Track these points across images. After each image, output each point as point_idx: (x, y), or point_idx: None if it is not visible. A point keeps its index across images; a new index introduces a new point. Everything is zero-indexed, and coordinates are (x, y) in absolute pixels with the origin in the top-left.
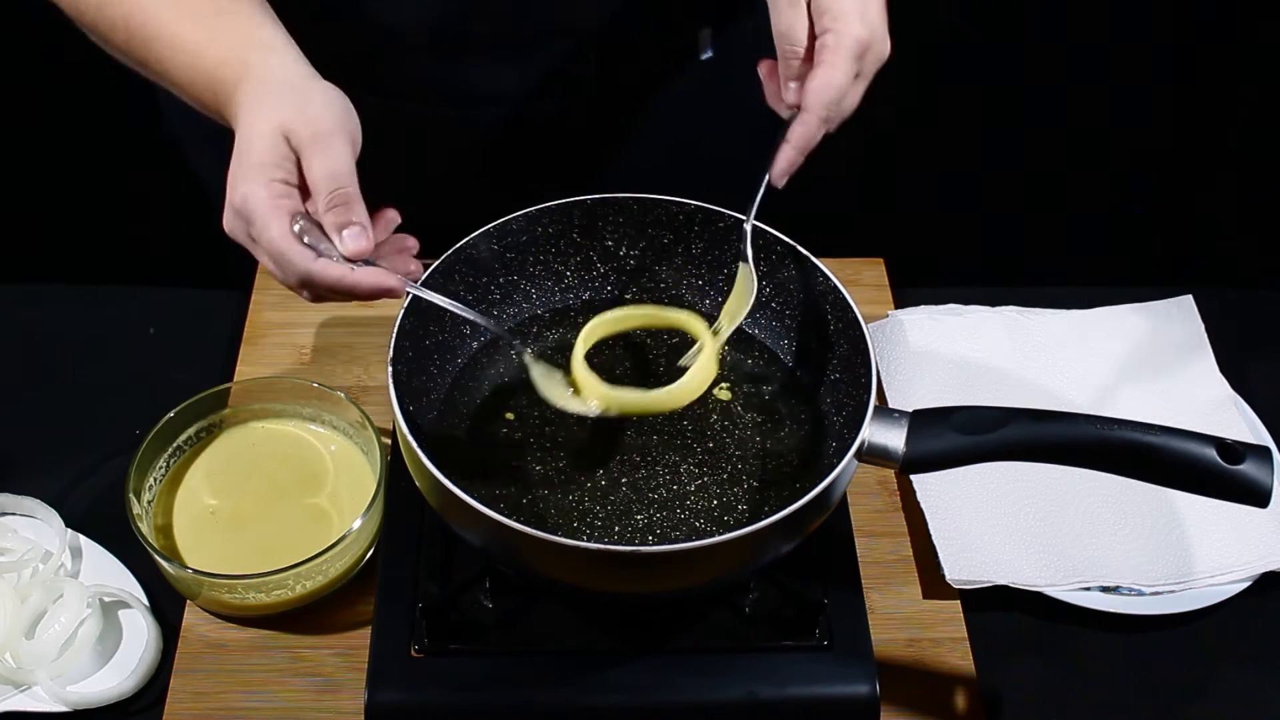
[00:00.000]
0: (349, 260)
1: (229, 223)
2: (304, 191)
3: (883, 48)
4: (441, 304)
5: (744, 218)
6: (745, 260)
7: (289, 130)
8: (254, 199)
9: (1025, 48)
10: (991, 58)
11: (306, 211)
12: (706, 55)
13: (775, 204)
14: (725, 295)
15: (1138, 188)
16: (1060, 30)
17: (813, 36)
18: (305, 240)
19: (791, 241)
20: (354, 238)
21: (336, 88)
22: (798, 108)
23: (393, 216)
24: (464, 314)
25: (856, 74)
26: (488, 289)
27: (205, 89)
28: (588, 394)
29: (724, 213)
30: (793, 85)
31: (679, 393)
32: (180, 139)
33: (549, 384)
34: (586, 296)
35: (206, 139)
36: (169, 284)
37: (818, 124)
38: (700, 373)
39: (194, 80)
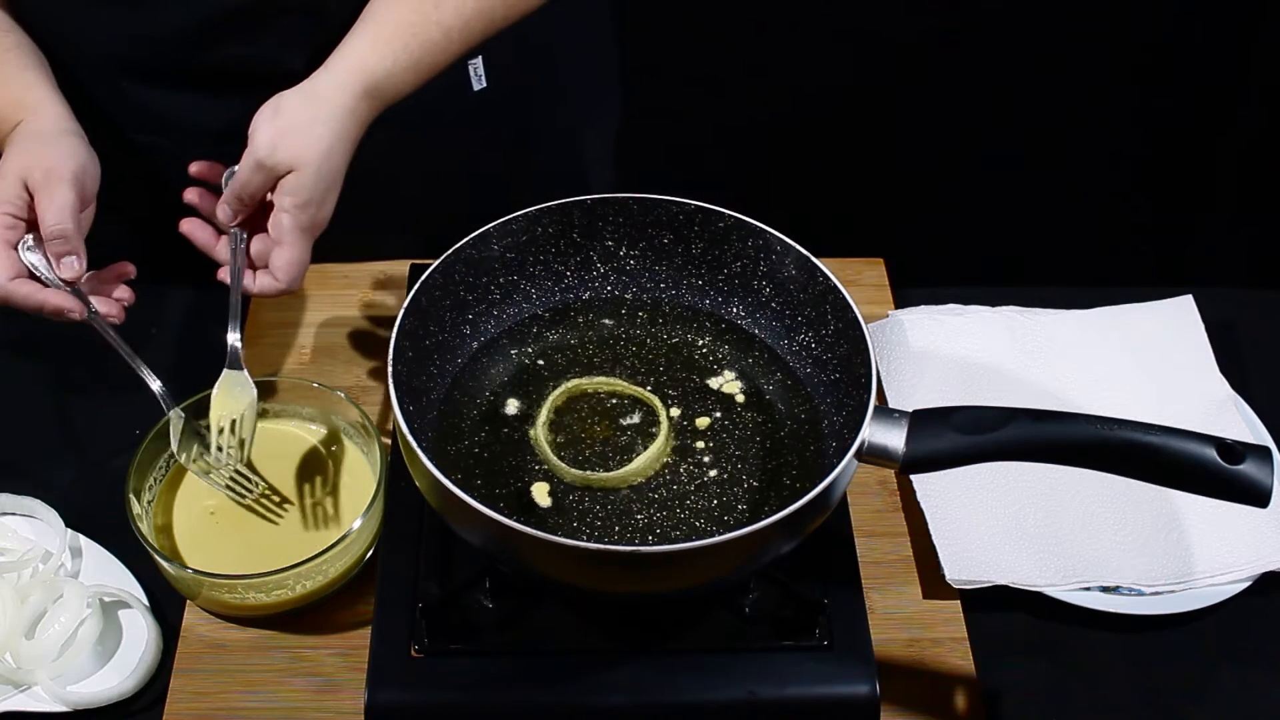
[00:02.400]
0: (66, 283)
1: None
2: (33, 225)
3: (325, 223)
4: (112, 341)
5: (234, 336)
6: (238, 367)
7: (26, 175)
8: None
9: (1025, 47)
10: (991, 57)
11: (39, 236)
12: (480, 87)
13: (776, 204)
14: (725, 295)
15: (1137, 187)
16: (1060, 30)
17: (263, 199)
18: (32, 258)
19: (791, 241)
20: (69, 265)
21: (83, 143)
22: (234, 222)
23: (129, 269)
24: (129, 359)
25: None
26: (488, 289)
27: None
28: (548, 463)
29: (724, 213)
30: (228, 209)
31: (628, 473)
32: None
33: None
34: (586, 296)
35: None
36: (169, 284)
37: (284, 288)
38: (652, 454)
39: None
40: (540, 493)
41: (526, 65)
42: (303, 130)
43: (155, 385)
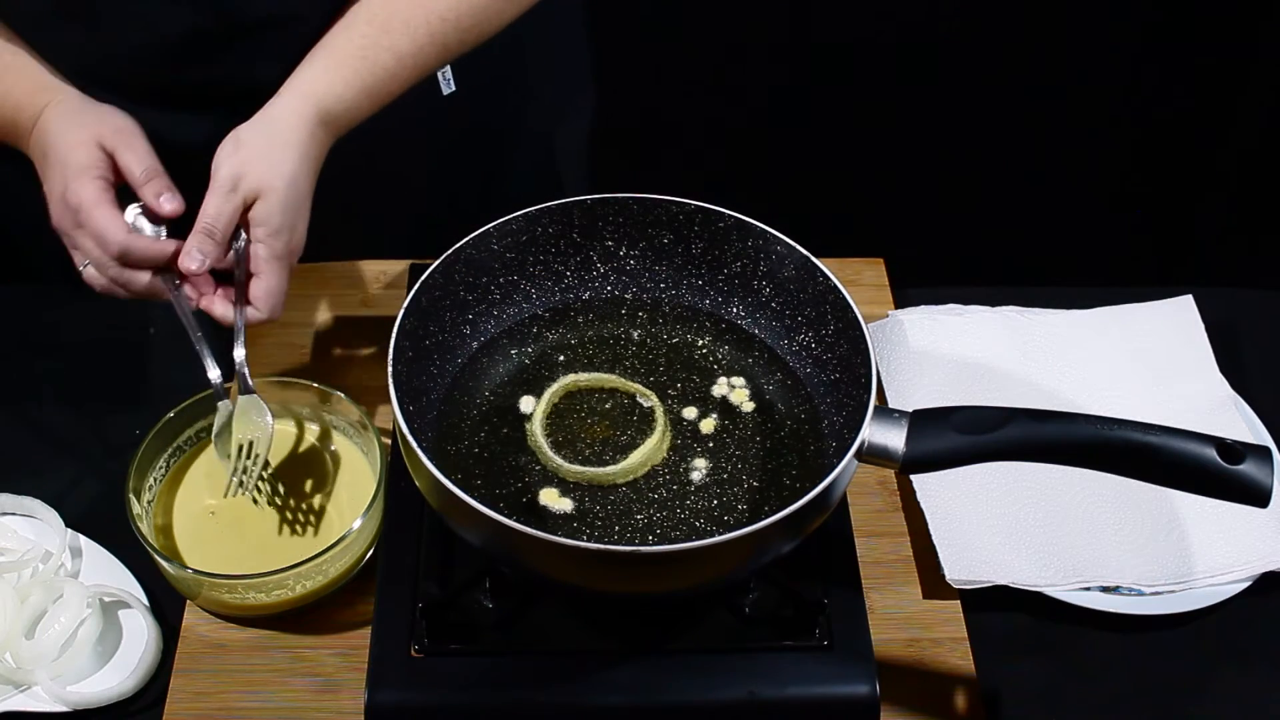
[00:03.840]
0: (165, 221)
1: (57, 216)
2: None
3: (300, 249)
4: (185, 324)
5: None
6: (249, 391)
7: (99, 137)
8: (84, 192)
9: (1025, 47)
10: (991, 57)
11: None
12: (449, 91)
13: (776, 203)
14: (725, 295)
15: (1137, 188)
16: (1060, 30)
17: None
18: (134, 219)
19: (791, 241)
20: (169, 200)
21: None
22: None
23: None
24: (196, 344)
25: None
26: (488, 289)
27: (4, 128)
28: (544, 460)
29: (724, 212)
30: (198, 256)
31: (626, 468)
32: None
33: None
34: (586, 296)
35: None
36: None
37: (265, 317)
38: (649, 449)
39: None
40: (550, 497)
41: (495, 67)
42: (265, 156)
43: (214, 373)
